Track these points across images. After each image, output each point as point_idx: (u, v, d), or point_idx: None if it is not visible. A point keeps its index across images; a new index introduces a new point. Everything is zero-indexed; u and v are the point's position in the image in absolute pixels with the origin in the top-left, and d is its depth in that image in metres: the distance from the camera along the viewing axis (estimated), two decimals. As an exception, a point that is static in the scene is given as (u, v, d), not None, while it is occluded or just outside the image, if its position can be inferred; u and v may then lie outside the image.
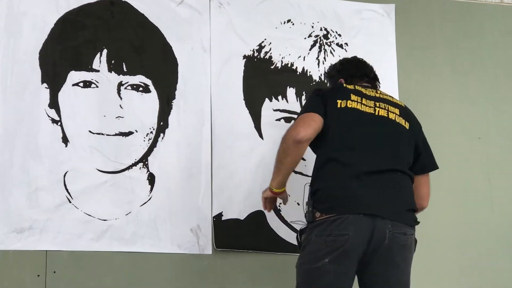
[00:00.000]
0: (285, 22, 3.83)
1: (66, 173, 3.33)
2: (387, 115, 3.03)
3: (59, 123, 3.36)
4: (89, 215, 3.33)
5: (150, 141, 3.48)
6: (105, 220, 3.35)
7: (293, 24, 3.83)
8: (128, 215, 3.38)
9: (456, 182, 3.96)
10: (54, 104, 3.37)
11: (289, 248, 3.51)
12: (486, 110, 4.12)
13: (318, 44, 3.85)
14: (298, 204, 3.59)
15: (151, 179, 3.45)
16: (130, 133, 3.45)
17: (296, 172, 3.44)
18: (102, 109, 3.42)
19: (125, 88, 3.47)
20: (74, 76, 3.41)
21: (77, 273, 3.26)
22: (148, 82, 3.52)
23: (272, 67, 3.75)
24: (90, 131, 3.40)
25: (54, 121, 3.36)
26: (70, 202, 3.32)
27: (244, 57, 3.72)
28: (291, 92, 3.74)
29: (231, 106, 3.64)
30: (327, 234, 2.81)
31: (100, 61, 3.45)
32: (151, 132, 3.49)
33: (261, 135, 3.66)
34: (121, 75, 3.47)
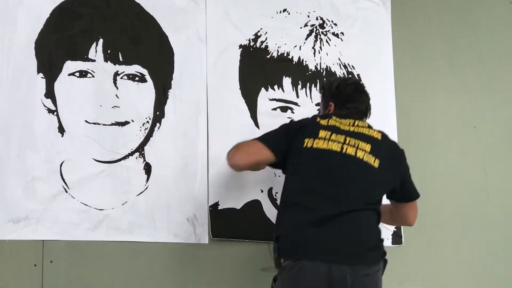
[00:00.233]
0: (281, 12, 3.83)
1: (62, 163, 3.33)
2: (355, 153, 2.98)
3: (55, 113, 3.35)
4: (86, 204, 3.33)
5: (147, 130, 3.48)
6: (101, 209, 3.34)
7: (289, 14, 3.83)
8: (125, 204, 3.38)
9: (452, 171, 3.97)
10: (50, 94, 3.36)
11: (286, 237, 3.51)
12: (482, 100, 4.14)
13: (314, 34, 3.85)
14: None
15: (148, 168, 3.45)
16: (126, 122, 3.45)
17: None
18: (98, 99, 3.42)
19: (121, 78, 3.47)
20: (70, 66, 3.40)
21: (74, 262, 3.26)
22: (144, 71, 3.51)
23: (268, 57, 3.75)
24: (86, 121, 3.39)
25: (50, 111, 3.35)
26: (67, 192, 3.31)
27: (240, 46, 3.72)
28: (287, 81, 3.74)
29: (227, 95, 3.64)
30: (289, 280, 2.83)
31: (96, 51, 3.44)
32: (147, 122, 3.49)
33: (257, 125, 3.66)
34: (117, 65, 3.46)
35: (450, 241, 3.90)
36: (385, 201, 3.17)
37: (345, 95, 3.19)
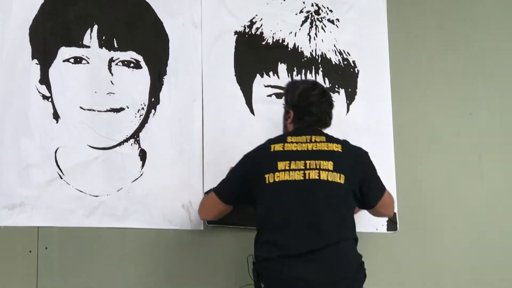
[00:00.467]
0: (276, -2, 3.82)
1: (57, 149, 3.33)
2: (319, 176, 2.96)
3: (50, 99, 3.35)
4: (81, 191, 3.33)
5: (142, 117, 3.47)
6: (96, 196, 3.34)
7: (284, 0, 3.82)
8: (120, 191, 3.38)
9: (447, 157, 3.98)
10: (44, 80, 3.35)
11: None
12: (477, 86, 4.14)
13: (309, 20, 3.84)
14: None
15: (143, 155, 3.45)
16: (121, 109, 3.45)
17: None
18: (93, 85, 3.41)
19: (116, 64, 3.46)
20: (65, 52, 3.39)
21: (68, 249, 3.27)
22: (139, 58, 3.50)
23: (263, 43, 3.74)
24: (81, 107, 3.38)
25: (45, 97, 3.34)
26: (62, 178, 3.31)
27: (235, 33, 3.71)
28: (282, 68, 3.73)
29: (222, 82, 3.63)
30: None
31: (91, 37, 3.43)
32: (143, 108, 3.48)
33: (252, 111, 3.66)
34: (112, 51, 3.45)
35: (445, 226, 3.90)
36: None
37: (306, 106, 3.14)
